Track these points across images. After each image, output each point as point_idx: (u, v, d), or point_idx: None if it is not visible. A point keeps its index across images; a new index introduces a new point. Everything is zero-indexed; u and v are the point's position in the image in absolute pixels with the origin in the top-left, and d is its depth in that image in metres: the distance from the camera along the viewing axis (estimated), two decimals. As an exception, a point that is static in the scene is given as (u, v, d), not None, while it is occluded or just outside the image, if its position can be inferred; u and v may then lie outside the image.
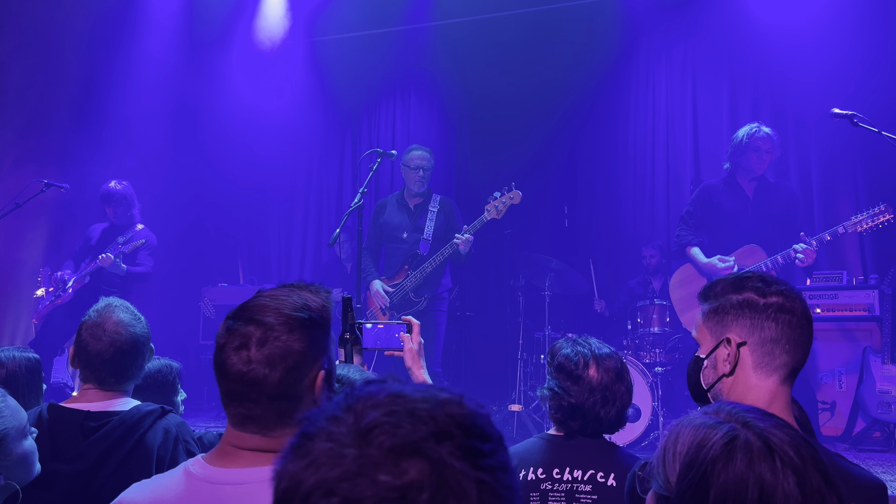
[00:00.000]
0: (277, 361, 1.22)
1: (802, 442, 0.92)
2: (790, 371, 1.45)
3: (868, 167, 5.75)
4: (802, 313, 1.45)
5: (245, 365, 1.22)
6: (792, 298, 1.45)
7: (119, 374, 1.99)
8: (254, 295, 1.31)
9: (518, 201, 4.77)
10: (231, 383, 1.24)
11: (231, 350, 1.24)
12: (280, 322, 1.23)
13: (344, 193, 7.60)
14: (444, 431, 0.63)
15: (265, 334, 1.22)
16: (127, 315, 2.02)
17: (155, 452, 1.91)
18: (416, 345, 2.01)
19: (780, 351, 1.43)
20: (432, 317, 4.92)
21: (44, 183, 5.16)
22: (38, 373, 2.32)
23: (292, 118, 7.51)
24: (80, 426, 1.90)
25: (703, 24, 6.37)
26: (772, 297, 1.44)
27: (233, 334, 1.24)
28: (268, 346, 1.22)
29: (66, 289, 5.14)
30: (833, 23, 5.70)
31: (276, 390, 1.23)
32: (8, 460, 1.60)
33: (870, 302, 5.25)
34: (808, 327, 1.45)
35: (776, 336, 1.43)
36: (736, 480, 0.89)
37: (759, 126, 4.64)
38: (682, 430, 0.98)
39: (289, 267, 7.76)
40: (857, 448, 4.86)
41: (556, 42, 6.66)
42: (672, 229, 6.48)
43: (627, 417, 2.06)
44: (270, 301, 1.26)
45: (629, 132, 6.75)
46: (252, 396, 1.23)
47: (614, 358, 2.04)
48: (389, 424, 0.63)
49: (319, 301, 1.30)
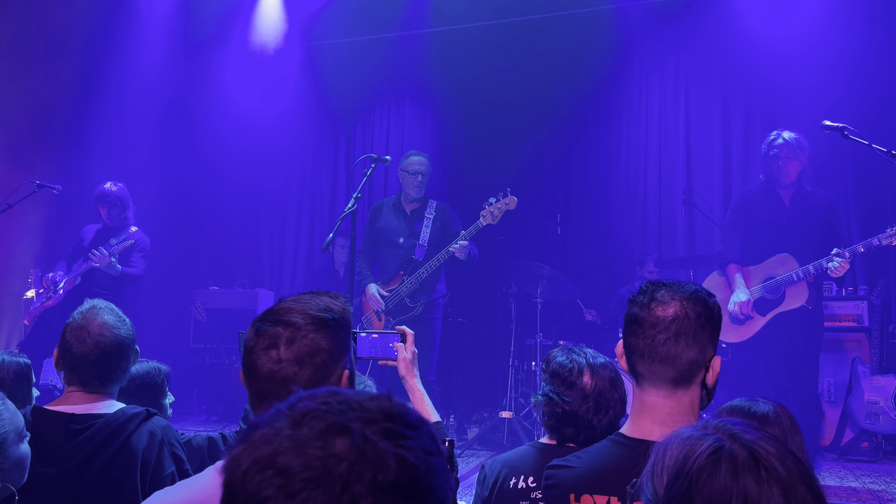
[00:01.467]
0: (306, 359, 1.28)
1: (789, 455, 0.93)
2: (647, 381, 1.49)
3: (858, 176, 5.80)
4: (653, 323, 1.46)
5: (275, 364, 1.28)
6: (650, 309, 1.48)
7: (103, 377, 1.99)
8: (276, 302, 1.38)
9: (513, 207, 4.78)
10: (262, 383, 1.29)
11: (260, 351, 1.29)
12: (307, 322, 1.30)
13: (337, 198, 7.60)
14: (371, 418, 0.70)
15: (293, 334, 1.29)
16: (111, 317, 2.02)
17: (140, 455, 1.90)
18: (409, 354, 2.01)
19: (634, 360, 1.51)
20: (428, 324, 4.91)
21: (36, 184, 5.14)
22: (28, 378, 2.30)
23: (287, 122, 7.51)
24: (65, 429, 1.89)
25: (696, 35, 6.41)
26: (633, 308, 1.51)
27: (262, 335, 1.30)
28: (296, 344, 1.28)
29: (57, 290, 5.11)
30: (825, 33, 5.75)
31: (306, 387, 1.28)
32: (6, 463, 1.60)
33: (859, 313, 5.29)
34: (658, 336, 1.46)
35: (628, 344, 1.52)
36: (720, 491, 0.90)
37: (778, 133, 4.55)
38: (670, 443, 0.99)
39: (281, 271, 7.75)
40: (845, 458, 4.89)
41: (550, 51, 6.69)
42: (664, 238, 6.52)
43: (620, 427, 2.06)
44: (295, 304, 1.34)
45: (622, 141, 6.78)
46: (283, 395, 1.27)
47: (609, 367, 2.06)
48: (322, 411, 0.70)
49: (340, 304, 1.39)
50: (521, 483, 1.98)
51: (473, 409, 6.27)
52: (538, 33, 6.69)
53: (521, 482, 1.99)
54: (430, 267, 4.80)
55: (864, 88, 5.61)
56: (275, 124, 7.44)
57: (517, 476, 2.00)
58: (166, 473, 1.96)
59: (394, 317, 4.88)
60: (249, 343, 1.31)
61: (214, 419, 6.18)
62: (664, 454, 0.98)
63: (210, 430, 5.88)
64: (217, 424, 5.99)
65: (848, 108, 5.53)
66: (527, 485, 1.98)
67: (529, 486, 1.98)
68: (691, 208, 6.12)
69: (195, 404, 6.65)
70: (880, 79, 5.62)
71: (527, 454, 2.07)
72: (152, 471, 1.93)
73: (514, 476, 2.00)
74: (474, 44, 6.85)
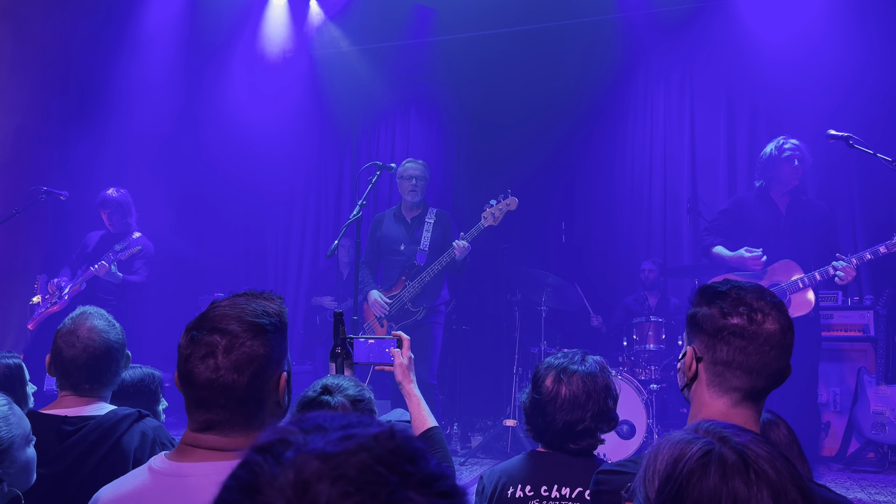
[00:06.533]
0: (245, 366, 1.28)
1: (780, 457, 0.93)
2: (745, 395, 1.39)
3: (863, 185, 5.79)
4: (767, 339, 1.36)
5: (214, 372, 1.28)
6: (759, 322, 1.37)
7: (94, 380, 2.01)
8: (210, 305, 1.36)
9: (514, 207, 4.77)
10: (199, 391, 1.29)
11: (197, 359, 1.29)
12: (244, 329, 1.30)
13: (342, 205, 7.62)
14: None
15: (231, 342, 1.29)
16: (101, 322, 2.05)
17: (132, 455, 1.92)
18: (405, 360, 2.02)
19: (730, 375, 1.38)
20: (429, 329, 4.91)
21: (43, 190, 5.18)
22: (20, 379, 2.32)
23: (292, 130, 7.54)
24: (57, 431, 1.92)
25: (701, 43, 6.42)
26: (734, 319, 1.38)
27: (198, 344, 1.30)
28: (234, 352, 1.28)
29: (62, 296, 5.14)
30: (829, 41, 5.75)
31: (245, 394, 1.30)
32: (13, 467, 1.62)
33: (865, 322, 5.26)
34: (771, 353, 1.37)
35: (727, 360, 1.38)
36: (710, 494, 0.90)
37: (785, 138, 4.61)
38: (661, 447, 0.99)
39: (286, 278, 7.77)
40: (851, 469, 4.85)
41: (555, 60, 6.70)
42: (668, 246, 6.51)
43: (602, 439, 2.05)
44: (230, 310, 1.32)
45: (627, 149, 6.79)
46: (220, 402, 1.29)
47: (592, 375, 2.01)
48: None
49: (276, 307, 1.37)
50: (519, 492, 1.98)
51: (477, 417, 6.26)
52: (543, 42, 6.71)
53: (518, 491, 1.98)
54: (432, 271, 4.80)
55: (869, 96, 5.60)
56: (281, 132, 7.47)
57: (515, 485, 1.99)
58: None
59: (396, 322, 4.88)
60: (185, 351, 1.30)
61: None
62: (656, 458, 0.99)
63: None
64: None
65: (853, 116, 5.53)
66: (524, 493, 1.97)
67: (527, 494, 1.97)
68: (696, 216, 6.11)
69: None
70: (885, 86, 5.61)
71: (523, 462, 2.06)
72: None
73: (513, 485, 2.00)
74: (480, 53, 6.87)
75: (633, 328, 5.37)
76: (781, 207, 4.64)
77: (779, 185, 4.63)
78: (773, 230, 4.60)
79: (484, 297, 6.97)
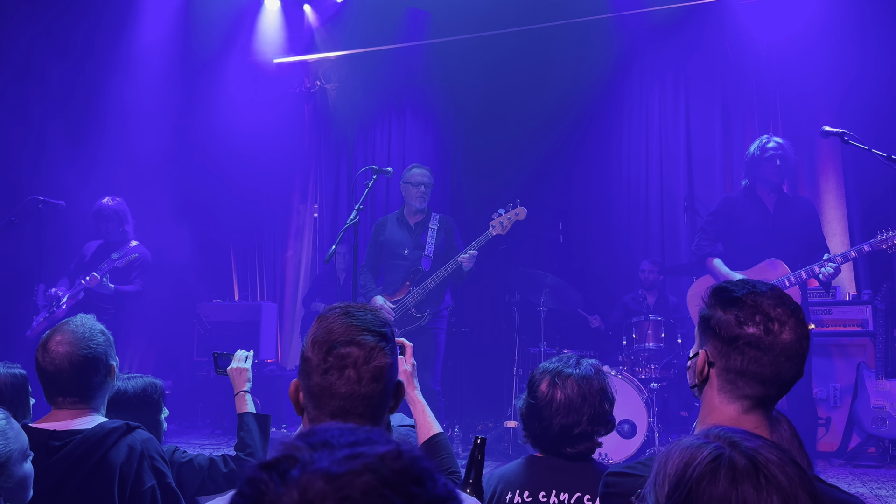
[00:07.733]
0: (380, 375, 1.36)
1: (790, 462, 0.93)
2: (756, 403, 1.38)
3: (858, 181, 5.80)
4: (782, 350, 1.34)
5: (356, 384, 1.33)
6: (775, 333, 1.34)
7: (71, 392, 1.99)
8: (328, 318, 1.39)
9: (523, 217, 4.80)
10: (341, 401, 1.34)
11: (336, 371, 1.33)
12: (375, 340, 1.36)
13: (340, 209, 7.61)
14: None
15: (368, 353, 1.34)
16: (79, 331, 2.01)
17: (118, 469, 1.91)
18: (409, 366, 2.02)
19: (743, 384, 1.36)
20: (432, 334, 4.91)
21: (39, 200, 5.16)
22: (25, 388, 2.31)
23: (288, 134, 7.54)
24: (45, 446, 1.90)
25: (695, 43, 6.43)
26: (749, 328, 1.34)
27: (336, 357, 1.34)
28: (372, 363, 1.34)
29: (60, 305, 5.13)
30: (823, 40, 5.77)
31: (380, 401, 1.37)
32: (10, 482, 1.61)
33: (863, 317, 5.28)
34: (786, 363, 1.35)
35: (741, 369, 1.36)
36: (720, 498, 0.90)
37: (769, 136, 4.65)
38: (672, 452, 0.99)
39: (284, 283, 7.76)
40: (852, 464, 4.86)
41: (550, 60, 6.71)
42: (666, 245, 6.52)
43: (599, 442, 2.04)
44: (359, 321, 1.38)
45: (623, 149, 6.79)
46: (360, 411, 1.35)
47: (587, 378, 2.00)
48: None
49: (386, 317, 1.46)
50: (517, 498, 1.98)
51: (478, 418, 6.26)
52: (538, 43, 6.71)
53: (516, 497, 1.98)
54: (437, 277, 4.80)
55: (865, 95, 5.61)
56: (277, 137, 7.47)
57: (513, 491, 1.99)
58: (146, 487, 1.96)
59: (399, 327, 4.86)
60: (322, 364, 1.34)
61: (219, 432, 6.17)
62: (666, 462, 0.99)
63: (215, 443, 5.87)
64: (222, 437, 5.98)
65: (847, 113, 5.55)
66: (522, 499, 1.97)
67: (525, 500, 1.97)
68: (693, 215, 6.13)
69: (199, 418, 6.64)
70: (879, 83, 5.62)
71: (521, 468, 2.06)
72: (131, 485, 1.93)
73: (510, 491, 1.99)
74: (474, 54, 6.87)
75: (632, 327, 5.38)
76: (769, 206, 4.67)
77: (763, 183, 4.67)
78: (761, 228, 4.63)
79: (483, 299, 6.97)
